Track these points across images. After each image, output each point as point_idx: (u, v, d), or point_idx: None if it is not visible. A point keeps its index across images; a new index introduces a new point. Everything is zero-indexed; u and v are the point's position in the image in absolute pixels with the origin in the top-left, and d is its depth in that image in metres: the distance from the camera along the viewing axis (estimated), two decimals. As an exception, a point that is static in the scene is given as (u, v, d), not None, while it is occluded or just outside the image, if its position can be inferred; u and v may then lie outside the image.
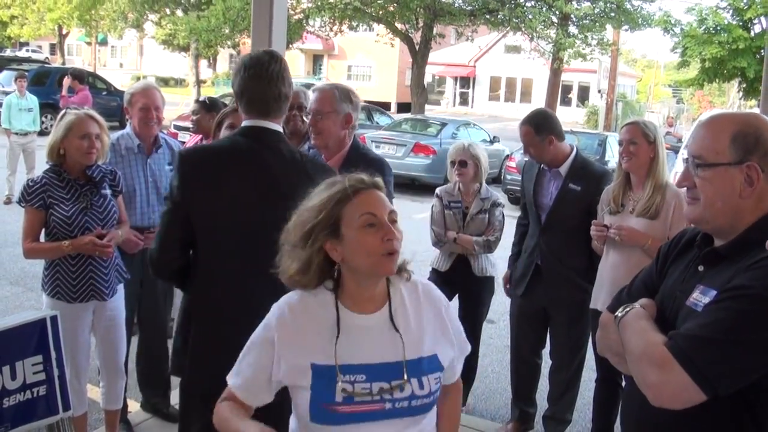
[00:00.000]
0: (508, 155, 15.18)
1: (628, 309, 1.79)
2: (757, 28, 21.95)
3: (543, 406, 4.22)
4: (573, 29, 25.88)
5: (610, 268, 3.51)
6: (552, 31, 25.61)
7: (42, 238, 3.30)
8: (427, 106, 27.30)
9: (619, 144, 3.51)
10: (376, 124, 18.47)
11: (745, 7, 21.59)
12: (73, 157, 3.26)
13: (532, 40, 26.43)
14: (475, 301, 4.46)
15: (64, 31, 37.98)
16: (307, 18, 26.57)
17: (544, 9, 24.84)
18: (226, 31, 26.16)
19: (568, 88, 39.35)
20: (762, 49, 20.51)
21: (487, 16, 25.66)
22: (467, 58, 42.34)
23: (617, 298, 1.96)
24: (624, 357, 1.75)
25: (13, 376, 2.79)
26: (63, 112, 3.35)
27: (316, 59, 44.74)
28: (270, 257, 1.84)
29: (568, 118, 30.79)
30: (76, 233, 3.22)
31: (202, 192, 2.37)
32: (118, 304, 3.45)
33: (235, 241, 2.35)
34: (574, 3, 25.04)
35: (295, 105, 3.44)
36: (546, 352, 4.18)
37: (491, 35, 36.30)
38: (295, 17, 25.64)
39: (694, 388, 1.53)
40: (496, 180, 14.32)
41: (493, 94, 44.02)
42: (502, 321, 6.02)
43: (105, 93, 20.37)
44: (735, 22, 22.04)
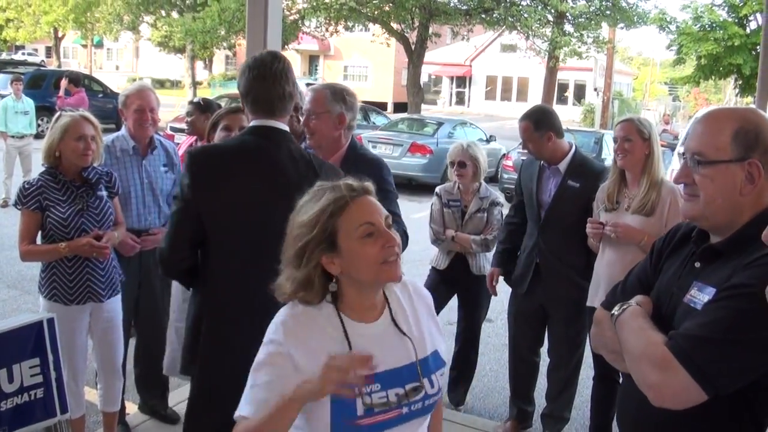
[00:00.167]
0: (504, 154, 15.18)
1: (625, 307, 1.78)
2: (752, 25, 22.01)
3: (541, 404, 4.22)
4: (569, 27, 25.94)
5: (606, 266, 3.51)
6: (548, 30, 25.66)
7: (39, 241, 3.30)
8: (423, 106, 27.29)
9: (614, 141, 3.52)
10: (373, 124, 18.44)
11: (741, 3, 21.65)
12: (69, 159, 3.26)
13: (527, 38, 26.47)
14: (474, 301, 4.48)
15: (60, 34, 37.96)
16: (303, 18, 26.58)
17: (540, 7, 24.89)
18: (222, 32, 26.20)
19: (564, 87, 39.38)
20: (758, 46, 20.50)
21: (483, 15, 25.67)
22: (463, 57, 42.35)
23: (611, 294, 1.95)
24: (620, 354, 1.75)
25: (10, 379, 2.77)
26: (58, 114, 3.35)
27: (312, 60, 44.71)
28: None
29: (565, 117, 30.40)
30: (72, 235, 3.22)
31: (214, 189, 2.38)
32: (115, 306, 3.45)
33: (248, 239, 2.35)
34: (570, 1, 25.06)
35: None
36: (544, 350, 4.18)
37: (487, 34, 36.30)
38: (291, 18, 25.64)
39: (695, 388, 1.53)
40: (493, 179, 14.30)
41: (489, 93, 44.05)
42: (500, 319, 6.02)
43: (101, 95, 20.39)
44: (730, 19, 22.11)
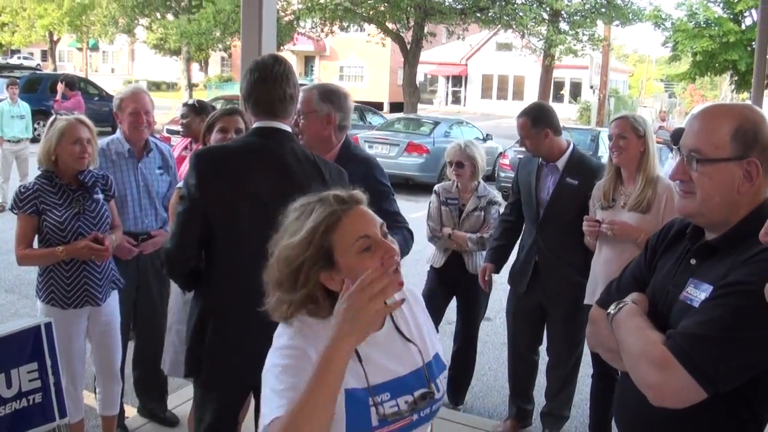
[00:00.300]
0: (501, 153, 15.18)
1: (621, 305, 1.77)
2: (748, 21, 22.06)
3: (540, 403, 4.22)
4: (564, 25, 25.99)
5: (602, 264, 3.51)
6: (543, 28, 25.70)
7: (35, 245, 3.29)
8: (419, 105, 27.32)
9: (609, 139, 3.51)
10: (369, 124, 18.43)
11: (736, 0, 21.68)
12: (65, 163, 3.25)
13: (523, 37, 26.52)
14: (472, 300, 4.47)
15: (55, 38, 37.98)
16: (298, 19, 26.61)
17: (535, 6, 24.93)
18: (217, 34, 26.23)
19: (560, 85, 39.37)
20: (753, 42, 20.54)
21: (478, 14, 25.71)
22: (459, 56, 42.33)
23: (606, 292, 1.95)
24: (617, 353, 1.74)
25: (8, 384, 2.77)
26: (53, 117, 3.35)
27: (308, 61, 44.68)
28: None
29: (561, 115, 29.98)
30: (69, 239, 3.21)
31: (221, 189, 2.41)
32: (112, 309, 3.45)
33: (255, 237, 2.33)
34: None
35: None
36: (543, 348, 4.18)
37: (482, 33, 36.35)
38: (286, 19, 25.66)
39: (695, 387, 1.53)
40: (490, 178, 14.30)
41: (485, 92, 44.06)
42: (498, 318, 6.02)
43: (97, 98, 20.37)
44: (726, 16, 22.14)
